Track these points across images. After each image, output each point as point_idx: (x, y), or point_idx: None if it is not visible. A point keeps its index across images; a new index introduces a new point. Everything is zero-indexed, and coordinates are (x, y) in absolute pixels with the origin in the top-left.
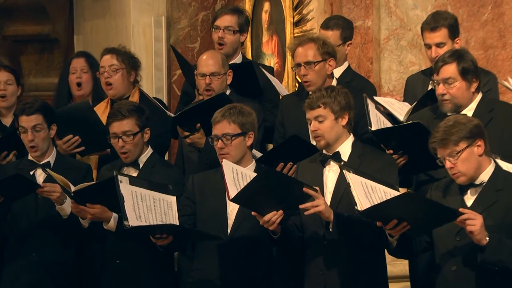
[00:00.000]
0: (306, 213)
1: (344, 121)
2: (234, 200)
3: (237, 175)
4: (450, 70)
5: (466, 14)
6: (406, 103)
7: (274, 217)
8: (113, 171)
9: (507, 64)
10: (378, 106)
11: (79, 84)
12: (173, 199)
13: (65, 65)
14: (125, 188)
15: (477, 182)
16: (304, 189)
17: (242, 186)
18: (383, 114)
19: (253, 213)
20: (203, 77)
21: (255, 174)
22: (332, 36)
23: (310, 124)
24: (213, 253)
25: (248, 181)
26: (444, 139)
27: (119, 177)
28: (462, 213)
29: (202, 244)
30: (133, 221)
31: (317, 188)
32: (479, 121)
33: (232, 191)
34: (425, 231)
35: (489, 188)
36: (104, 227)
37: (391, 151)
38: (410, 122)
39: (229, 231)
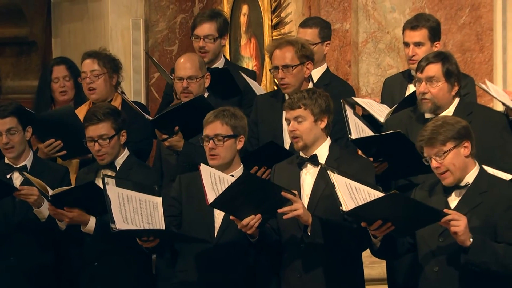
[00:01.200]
0: (284, 217)
1: (323, 124)
2: (212, 205)
3: (215, 180)
4: (434, 69)
5: (443, 17)
6: (385, 105)
7: (252, 221)
8: (91, 174)
9: (485, 67)
10: (356, 112)
11: (62, 92)
12: (158, 200)
13: (45, 71)
14: (112, 190)
15: (462, 184)
16: (283, 193)
17: (221, 191)
18: (361, 120)
19: (231, 217)
20: (181, 80)
21: (232, 178)
22: (311, 34)
23: (289, 124)
24: (198, 255)
25: (226, 185)
26: (431, 138)
27: (106, 179)
28: (447, 214)
29: (187, 246)
30: (120, 224)
31: (295, 192)
32: (467, 123)
33: (211, 196)
34: (409, 232)
35: (473, 190)
36: (82, 230)
37: (371, 159)
38: (391, 131)
39: (215, 234)
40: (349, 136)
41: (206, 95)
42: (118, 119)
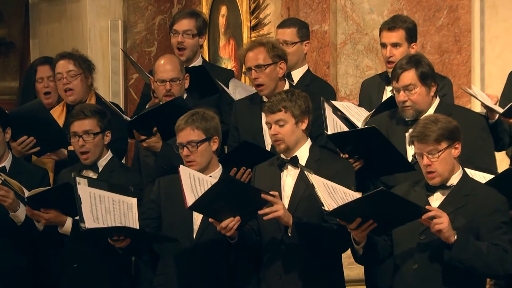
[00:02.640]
0: (265, 218)
1: (304, 125)
2: (191, 208)
3: (195, 181)
4: (409, 76)
5: (422, 18)
6: (364, 109)
7: (231, 223)
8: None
9: (463, 69)
10: (336, 111)
11: (47, 93)
12: (133, 200)
13: (29, 71)
14: (83, 190)
15: (448, 184)
16: (263, 195)
17: (200, 192)
18: (340, 118)
19: (210, 219)
20: (163, 83)
21: (213, 180)
22: (289, 33)
23: (270, 128)
24: (178, 257)
25: (206, 186)
26: (426, 135)
27: (77, 179)
28: (429, 211)
29: (167, 248)
30: (89, 223)
31: (276, 193)
32: (457, 124)
33: (190, 199)
34: (389, 230)
35: (457, 191)
36: (59, 231)
37: (347, 155)
38: (366, 126)
39: (194, 235)
40: (325, 131)
41: (184, 96)
42: (104, 119)
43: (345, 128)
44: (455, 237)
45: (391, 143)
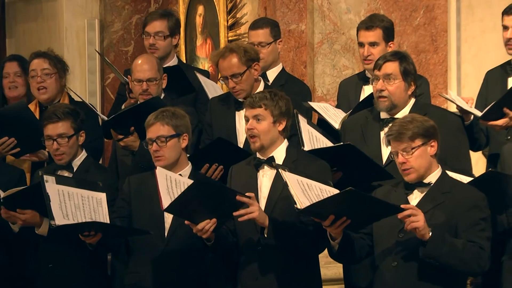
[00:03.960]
0: (240, 219)
1: (281, 127)
2: (167, 210)
3: (171, 183)
4: (392, 67)
5: (398, 18)
6: (341, 110)
7: (207, 225)
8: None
9: (439, 68)
10: (310, 121)
11: (12, 88)
12: (102, 195)
13: None
14: (51, 187)
15: (425, 181)
16: (238, 197)
17: (177, 194)
18: (316, 128)
19: (186, 222)
20: (140, 83)
21: (190, 181)
22: (263, 34)
23: (247, 122)
24: (149, 256)
25: (183, 188)
26: (401, 133)
27: (45, 177)
28: (403, 209)
29: (138, 247)
30: (59, 220)
31: (252, 195)
32: (434, 123)
33: (166, 201)
34: (365, 226)
35: (436, 189)
36: (36, 232)
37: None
38: (341, 144)
39: (166, 233)
40: (302, 147)
41: (162, 95)
42: (78, 119)
43: (323, 139)
44: (430, 234)
45: (368, 156)
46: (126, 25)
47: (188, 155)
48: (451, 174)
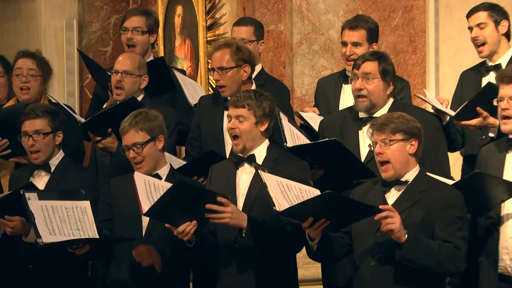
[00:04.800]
0: (211, 220)
1: (263, 128)
2: (147, 214)
3: (150, 187)
4: (371, 66)
5: (377, 19)
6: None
7: (188, 228)
8: (25, 174)
9: (417, 69)
10: (291, 120)
11: None
12: (86, 204)
13: None
14: (34, 204)
15: (403, 179)
16: (218, 198)
17: (156, 198)
18: (296, 127)
19: (166, 225)
20: (116, 73)
21: (168, 184)
22: (246, 31)
23: (230, 121)
24: (129, 256)
25: (162, 191)
26: (384, 124)
27: (26, 195)
28: (381, 210)
29: (118, 248)
30: (46, 237)
31: (225, 201)
32: (421, 126)
33: (145, 205)
34: (344, 226)
35: (413, 187)
36: (24, 240)
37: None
38: (327, 139)
39: (143, 233)
40: (285, 144)
41: (142, 96)
42: (56, 119)
43: (302, 137)
44: (406, 237)
45: (352, 153)
46: (105, 25)
47: (176, 157)
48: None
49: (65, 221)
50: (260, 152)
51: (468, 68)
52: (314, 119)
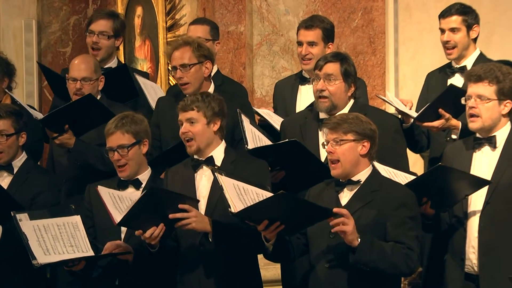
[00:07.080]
0: (176, 225)
1: (215, 127)
2: (120, 224)
3: (115, 199)
4: (333, 67)
5: (337, 20)
6: (280, 117)
7: (156, 232)
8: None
9: (377, 70)
10: (252, 122)
11: None
12: (77, 218)
13: None
14: (26, 225)
15: (354, 179)
16: (180, 205)
17: (123, 208)
18: (258, 128)
19: (137, 232)
20: (74, 81)
21: (133, 194)
22: (202, 30)
23: (182, 125)
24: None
25: (127, 202)
26: (337, 124)
27: (18, 216)
28: (335, 214)
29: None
30: (41, 258)
31: (186, 207)
32: (376, 128)
33: (116, 216)
34: (299, 230)
35: (365, 187)
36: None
37: (269, 168)
38: (287, 140)
39: (122, 237)
40: (246, 146)
41: (99, 97)
42: (20, 120)
43: (264, 138)
44: (359, 240)
45: (312, 153)
46: (64, 26)
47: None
48: (392, 170)
49: (58, 238)
50: (218, 154)
51: (434, 70)
52: (270, 115)
